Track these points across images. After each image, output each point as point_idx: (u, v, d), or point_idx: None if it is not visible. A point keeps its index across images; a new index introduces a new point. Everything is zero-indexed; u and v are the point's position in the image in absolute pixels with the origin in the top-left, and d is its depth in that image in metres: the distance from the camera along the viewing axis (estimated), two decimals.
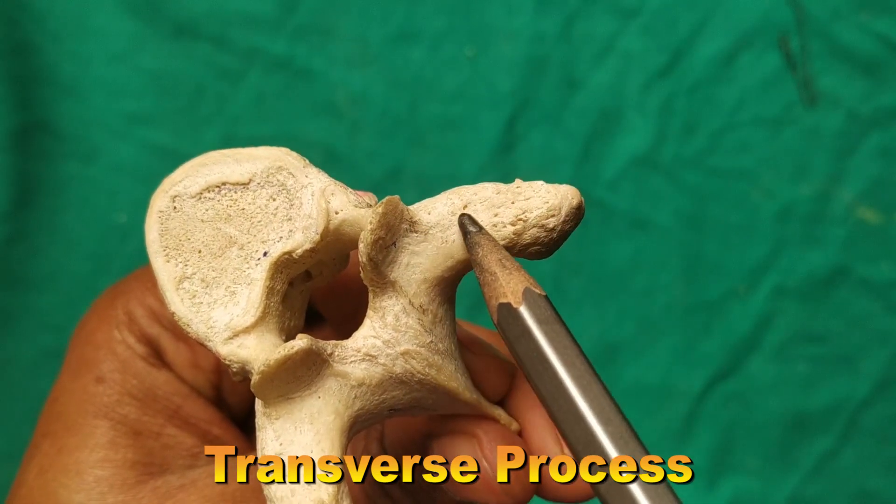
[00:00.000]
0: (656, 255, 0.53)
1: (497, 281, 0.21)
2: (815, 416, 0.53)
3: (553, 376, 0.20)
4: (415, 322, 0.22)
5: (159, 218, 0.23)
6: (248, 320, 0.22)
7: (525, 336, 0.20)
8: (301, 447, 0.21)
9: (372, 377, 0.22)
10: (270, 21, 0.52)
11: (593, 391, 0.20)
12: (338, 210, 0.22)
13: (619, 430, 0.19)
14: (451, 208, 0.22)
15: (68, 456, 0.25)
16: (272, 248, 0.22)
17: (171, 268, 0.23)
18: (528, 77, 0.53)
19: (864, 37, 0.53)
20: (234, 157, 0.23)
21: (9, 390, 0.50)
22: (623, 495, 0.19)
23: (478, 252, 0.21)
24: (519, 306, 0.21)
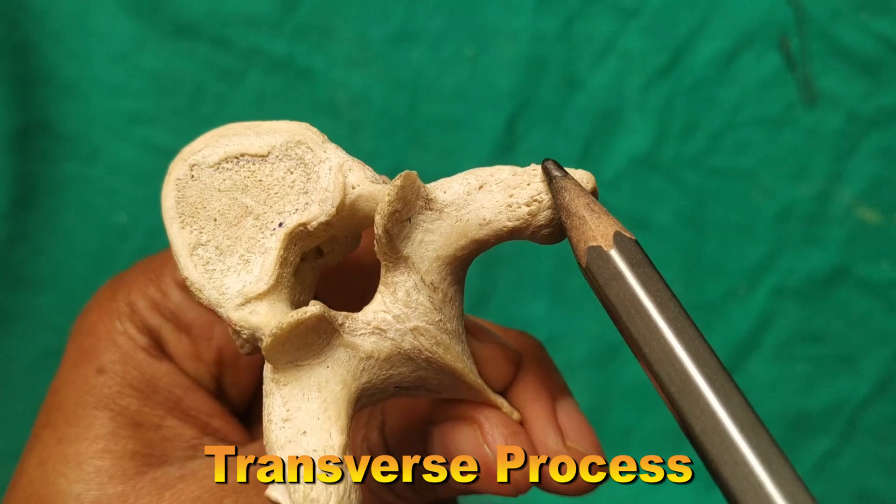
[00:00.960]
0: (656, 255, 0.53)
1: (586, 224, 0.21)
2: (815, 416, 0.53)
3: (646, 318, 0.20)
4: (425, 299, 0.22)
5: (176, 185, 0.24)
6: (261, 287, 0.22)
7: (616, 279, 0.20)
8: (308, 414, 0.21)
9: (381, 351, 0.22)
10: (270, 21, 0.52)
11: (688, 333, 0.20)
12: (355, 185, 0.22)
13: (715, 372, 0.19)
14: (466, 188, 0.22)
15: (68, 446, 0.25)
16: (288, 220, 0.23)
17: (185, 234, 0.23)
18: (528, 77, 0.53)
19: (864, 37, 0.53)
20: (255, 130, 0.23)
21: (9, 390, 0.50)
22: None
23: (564, 196, 0.21)
24: (610, 249, 0.20)
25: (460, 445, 0.24)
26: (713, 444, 0.18)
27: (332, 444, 0.20)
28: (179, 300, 0.27)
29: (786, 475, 0.17)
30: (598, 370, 0.53)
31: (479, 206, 0.22)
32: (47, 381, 0.29)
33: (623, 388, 0.53)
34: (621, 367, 0.53)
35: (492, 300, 0.52)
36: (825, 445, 0.53)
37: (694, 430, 0.18)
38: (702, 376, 0.19)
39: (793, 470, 0.18)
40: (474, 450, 0.24)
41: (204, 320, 0.27)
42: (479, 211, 0.22)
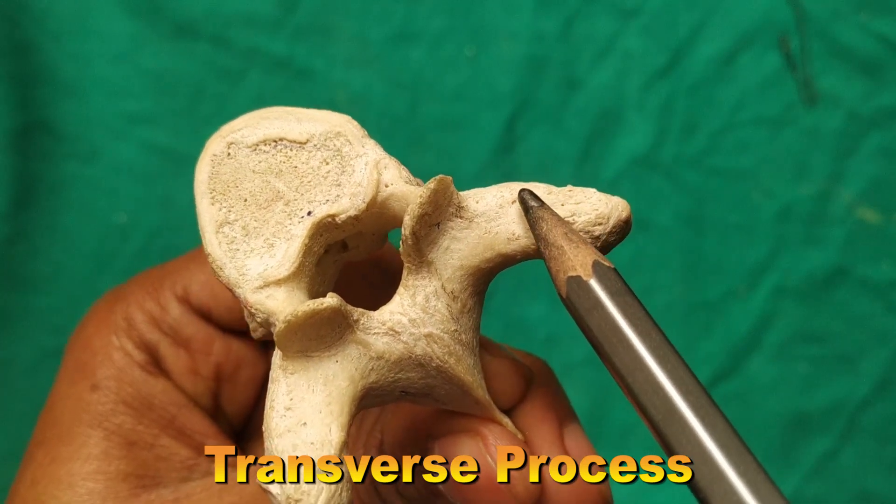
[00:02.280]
0: (656, 255, 0.53)
1: (564, 255, 0.21)
2: (815, 416, 0.53)
3: (629, 348, 0.20)
4: (443, 307, 0.22)
5: (212, 161, 0.24)
6: (282, 273, 0.22)
7: (597, 308, 0.20)
8: (310, 407, 0.20)
9: (392, 353, 0.22)
10: (270, 21, 0.52)
11: (671, 362, 0.19)
12: (388, 183, 0.22)
13: (700, 400, 0.19)
14: (499, 201, 0.22)
15: (60, 467, 0.25)
16: (317, 209, 0.23)
17: (214, 210, 0.23)
18: (528, 77, 0.53)
19: (864, 37, 0.53)
20: (297, 116, 0.24)
21: (9, 390, 0.50)
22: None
23: (541, 226, 0.21)
24: (589, 279, 0.20)
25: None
26: (701, 474, 0.18)
27: (330, 439, 0.20)
28: (178, 314, 0.27)
29: (774, 501, 0.17)
30: (598, 370, 0.53)
31: (510, 220, 0.22)
32: (47, 381, 0.28)
33: None
34: None
35: (492, 300, 0.52)
36: (825, 445, 0.53)
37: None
38: (686, 404, 0.19)
39: (781, 496, 0.18)
40: (477, 459, 0.24)
41: (203, 335, 0.27)
42: (510, 225, 0.22)
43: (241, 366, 0.28)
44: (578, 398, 0.53)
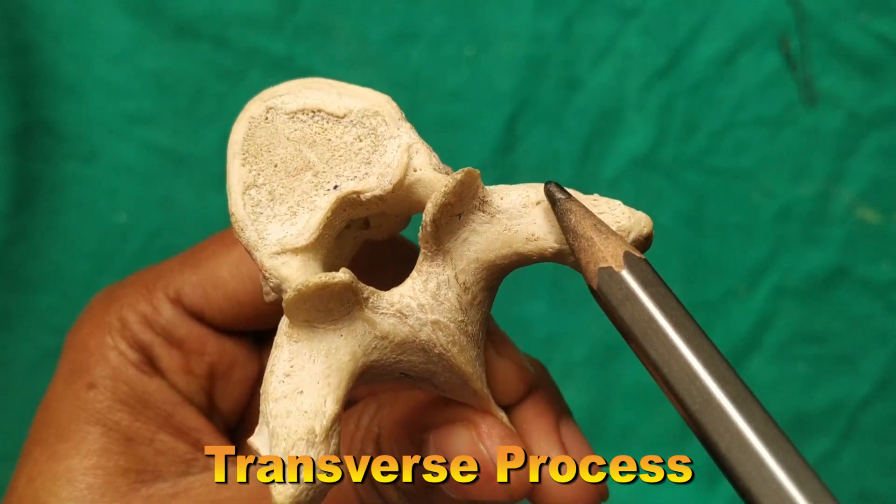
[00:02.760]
0: (656, 255, 0.53)
1: (594, 245, 0.21)
2: (815, 416, 0.53)
3: (663, 338, 0.20)
4: (454, 297, 0.22)
5: (249, 123, 0.24)
6: (301, 241, 0.22)
7: (630, 299, 0.20)
8: (309, 376, 0.21)
9: (396, 334, 0.22)
10: (270, 21, 0.52)
11: (707, 351, 0.19)
12: (417, 168, 0.22)
13: (737, 389, 0.19)
14: (524, 200, 0.22)
15: (59, 463, 0.25)
16: (344, 184, 0.23)
17: (244, 172, 0.23)
18: (528, 77, 0.53)
19: (864, 37, 0.53)
20: (338, 90, 0.23)
21: (9, 390, 0.50)
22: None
23: (570, 218, 0.21)
24: (621, 270, 0.20)
25: (456, 447, 0.24)
26: (740, 462, 0.18)
27: (324, 410, 0.20)
28: (171, 315, 0.27)
29: (815, 488, 0.17)
30: (598, 370, 0.53)
31: (531, 220, 0.22)
32: (47, 381, 0.28)
33: (623, 388, 0.53)
34: (621, 367, 0.53)
35: None
36: (825, 445, 0.53)
37: (719, 447, 0.18)
38: (723, 393, 0.19)
39: (821, 483, 0.18)
40: (470, 450, 0.24)
41: (196, 335, 0.27)
42: (531, 226, 0.22)
43: (235, 365, 0.28)
44: (578, 398, 0.53)
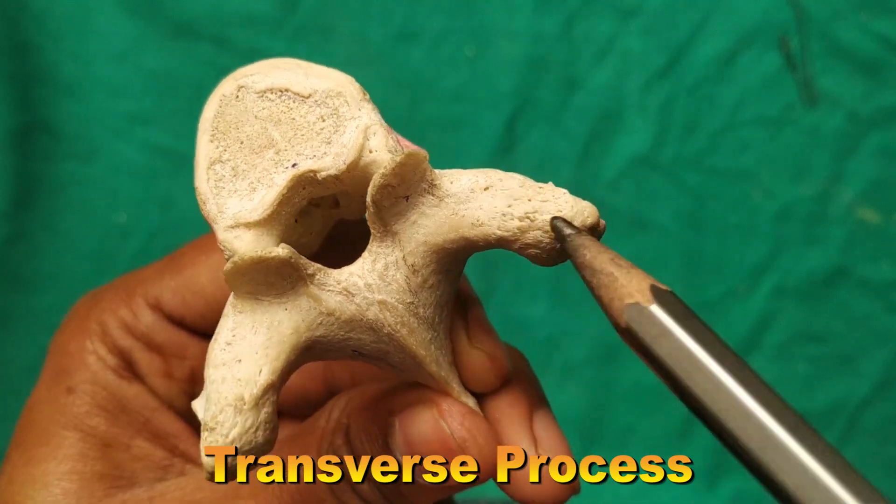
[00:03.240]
0: (656, 255, 0.53)
1: (616, 281, 0.20)
2: (815, 416, 0.53)
3: (708, 374, 0.18)
4: (402, 278, 0.22)
5: (220, 101, 0.25)
6: (254, 217, 0.23)
7: (665, 335, 0.19)
8: (249, 346, 0.21)
9: (343, 312, 0.22)
10: (270, 21, 0.52)
11: (754, 384, 0.18)
12: (372, 149, 0.23)
13: (794, 422, 0.17)
14: (472, 185, 0.22)
15: (36, 467, 0.25)
16: (302, 163, 0.23)
17: (210, 148, 0.24)
18: (528, 77, 0.53)
19: (864, 37, 0.53)
20: (305, 70, 0.24)
21: (9, 390, 0.50)
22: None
23: (584, 254, 0.20)
24: (650, 304, 0.19)
25: (419, 426, 0.24)
26: (813, 500, 0.17)
27: (257, 379, 0.21)
28: (151, 321, 0.27)
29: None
30: (598, 370, 0.53)
31: (477, 205, 0.22)
32: None
33: (623, 388, 0.53)
34: (621, 367, 0.53)
35: (492, 300, 0.52)
36: None
37: (787, 486, 0.17)
38: (783, 428, 0.18)
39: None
40: (432, 427, 0.24)
41: (176, 340, 0.27)
42: (476, 211, 0.22)
43: None
44: (578, 398, 0.53)
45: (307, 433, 0.25)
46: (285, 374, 0.22)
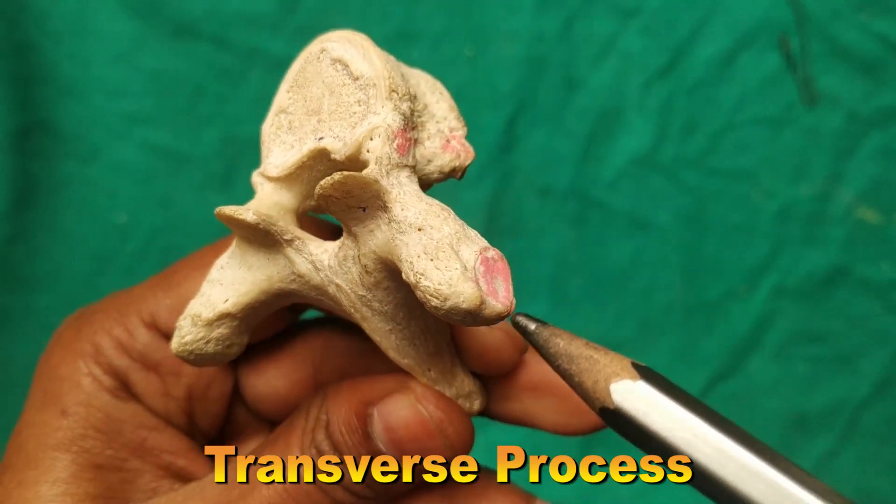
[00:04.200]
0: (656, 255, 0.53)
1: (598, 363, 0.20)
2: (815, 416, 0.53)
3: (709, 441, 0.19)
4: (356, 273, 0.23)
5: (306, 58, 0.25)
6: (273, 172, 0.25)
7: (657, 409, 0.19)
8: (230, 276, 0.25)
9: (311, 278, 0.24)
10: (270, 21, 0.52)
11: (751, 442, 0.19)
12: (369, 150, 0.23)
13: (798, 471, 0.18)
14: (413, 219, 0.22)
15: (28, 490, 0.25)
16: (327, 139, 0.24)
17: (284, 97, 0.26)
18: (528, 77, 0.53)
19: (864, 37, 0.53)
20: (365, 52, 0.24)
21: (9, 390, 0.50)
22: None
23: (558, 343, 0.20)
24: (637, 381, 0.20)
25: (398, 413, 0.25)
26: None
27: (217, 306, 0.24)
28: (147, 340, 0.27)
29: None
30: None
31: (405, 242, 0.22)
32: None
33: None
34: None
35: None
36: (825, 445, 0.53)
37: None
38: (794, 482, 0.18)
39: None
40: (412, 412, 0.25)
41: (172, 359, 0.27)
42: (403, 247, 0.22)
43: (212, 383, 0.28)
44: None
45: (288, 433, 0.25)
46: (249, 308, 0.25)
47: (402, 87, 0.24)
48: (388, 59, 0.25)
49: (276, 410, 0.29)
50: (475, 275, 0.21)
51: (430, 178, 0.25)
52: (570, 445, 0.52)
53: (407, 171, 0.23)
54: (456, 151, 0.25)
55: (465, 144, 0.25)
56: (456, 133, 0.25)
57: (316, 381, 0.28)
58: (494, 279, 0.21)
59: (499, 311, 0.21)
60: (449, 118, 0.26)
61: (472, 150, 0.25)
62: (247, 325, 0.26)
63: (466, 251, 0.21)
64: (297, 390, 0.28)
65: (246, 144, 0.52)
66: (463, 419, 0.25)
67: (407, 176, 0.23)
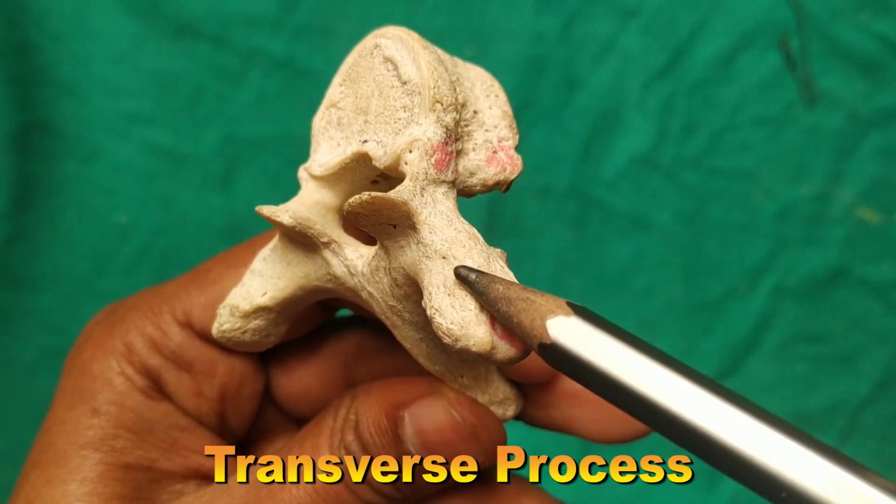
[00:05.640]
0: (656, 255, 0.53)
1: (535, 303, 0.21)
2: (815, 416, 0.53)
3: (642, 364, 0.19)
4: (386, 284, 0.23)
5: (360, 52, 0.25)
6: (317, 171, 0.25)
7: (592, 341, 0.20)
8: (270, 269, 0.25)
9: (346, 281, 0.24)
10: (270, 21, 0.52)
11: (686, 369, 0.19)
12: (407, 162, 0.23)
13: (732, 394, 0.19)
14: (438, 246, 0.22)
15: (56, 488, 0.25)
16: (371, 142, 0.24)
17: (336, 91, 0.26)
18: (528, 77, 0.53)
19: (864, 37, 0.53)
20: (414, 55, 0.24)
21: (9, 390, 0.50)
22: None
23: (497, 288, 0.21)
24: (571, 316, 0.20)
25: (431, 416, 0.25)
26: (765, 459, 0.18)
27: (254, 299, 0.25)
28: (180, 339, 0.27)
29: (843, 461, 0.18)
30: None
31: (429, 269, 0.22)
32: (47, 381, 0.28)
33: None
34: None
35: None
36: None
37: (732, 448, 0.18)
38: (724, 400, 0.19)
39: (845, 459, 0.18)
40: (446, 417, 0.25)
41: (206, 358, 0.27)
42: (426, 273, 0.22)
43: (244, 383, 0.28)
44: None
45: (316, 432, 0.25)
46: (286, 303, 0.25)
47: (448, 97, 0.23)
48: (440, 64, 0.24)
49: (307, 410, 0.28)
50: (490, 317, 0.21)
51: (473, 190, 0.24)
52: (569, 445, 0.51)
53: (444, 188, 0.23)
54: (501, 165, 0.24)
55: (514, 156, 0.24)
56: (505, 143, 0.25)
57: (347, 382, 0.28)
58: None
59: (511, 357, 0.21)
60: (500, 126, 0.25)
61: (519, 163, 0.24)
62: (284, 317, 0.26)
63: None
64: (328, 390, 0.28)
65: (246, 144, 0.52)
66: (496, 425, 0.25)
67: (444, 192, 0.23)
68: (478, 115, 0.25)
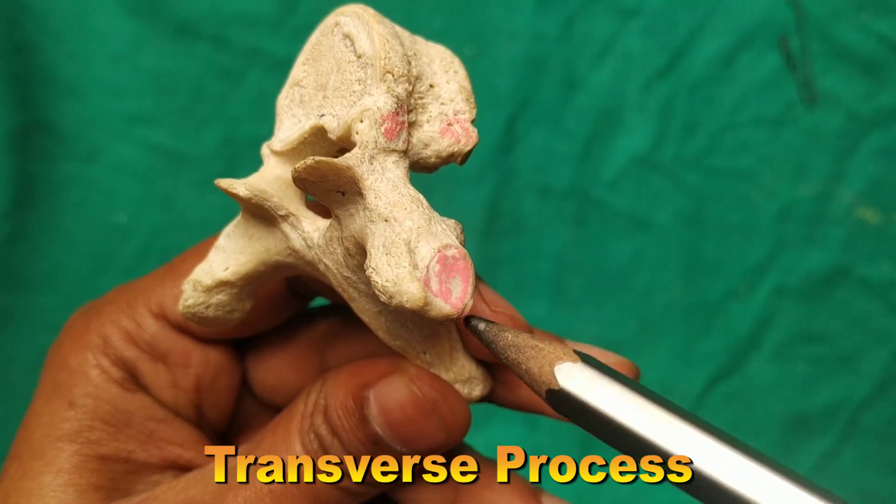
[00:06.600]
0: (656, 255, 0.53)
1: (543, 350, 0.22)
2: (815, 416, 0.53)
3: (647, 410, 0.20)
4: (340, 255, 0.23)
5: (322, 31, 0.25)
6: (277, 147, 0.25)
7: (598, 387, 0.21)
8: (233, 245, 0.25)
9: (305, 254, 0.24)
10: (270, 21, 0.52)
11: (691, 416, 0.20)
12: (358, 132, 0.23)
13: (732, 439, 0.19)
14: (382, 209, 0.22)
15: (32, 480, 0.25)
16: (327, 116, 0.24)
17: (300, 70, 0.26)
18: (528, 77, 0.53)
19: (864, 37, 0.53)
20: (369, 30, 0.24)
21: (9, 390, 0.50)
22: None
23: (506, 336, 0.22)
24: (577, 362, 0.21)
25: (393, 394, 0.25)
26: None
27: (216, 273, 0.25)
28: (155, 330, 0.27)
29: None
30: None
31: (371, 232, 0.22)
32: None
33: None
34: None
35: None
36: (825, 445, 0.53)
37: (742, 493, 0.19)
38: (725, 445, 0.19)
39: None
40: (406, 393, 0.25)
41: (180, 349, 0.27)
42: (370, 236, 0.22)
43: (220, 374, 0.28)
44: None
45: (288, 419, 0.26)
46: (248, 278, 0.25)
47: (399, 67, 0.23)
48: (393, 37, 0.24)
49: (284, 400, 0.29)
50: (427, 273, 0.21)
51: (428, 163, 0.24)
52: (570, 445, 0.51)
53: (395, 157, 0.23)
54: (456, 136, 0.24)
55: (469, 129, 0.24)
56: (461, 116, 0.25)
57: (321, 369, 0.28)
58: (451, 279, 0.21)
59: (446, 313, 0.21)
60: (457, 100, 0.25)
61: (474, 135, 0.24)
62: (248, 293, 0.26)
63: (424, 248, 0.21)
64: (303, 378, 0.28)
65: (246, 144, 0.52)
66: (457, 400, 0.25)
67: (394, 161, 0.23)
68: (434, 88, 0.25)
